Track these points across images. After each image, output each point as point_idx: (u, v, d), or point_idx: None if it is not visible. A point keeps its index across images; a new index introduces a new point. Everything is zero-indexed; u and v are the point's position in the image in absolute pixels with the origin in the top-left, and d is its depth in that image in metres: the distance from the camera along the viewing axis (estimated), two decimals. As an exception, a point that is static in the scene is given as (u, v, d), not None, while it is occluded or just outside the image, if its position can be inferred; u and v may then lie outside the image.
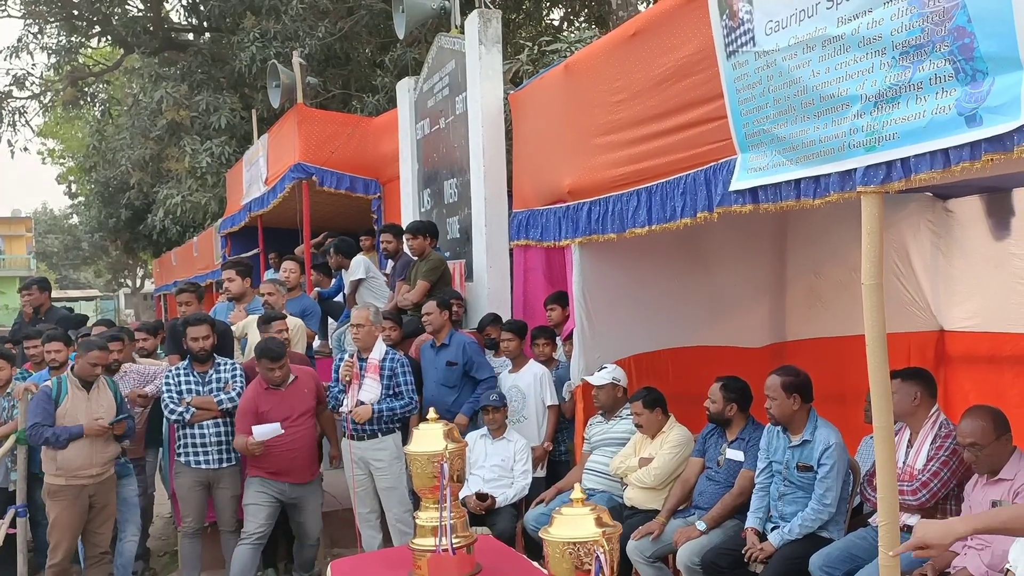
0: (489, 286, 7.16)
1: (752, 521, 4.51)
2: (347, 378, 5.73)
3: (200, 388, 5.80)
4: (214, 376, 5.85)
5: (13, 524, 5.99)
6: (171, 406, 5.72)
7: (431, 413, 3.73)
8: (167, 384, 5.81)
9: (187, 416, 5.71)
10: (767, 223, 5.90)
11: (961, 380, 5.76)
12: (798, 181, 3.42)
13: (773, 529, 4.39)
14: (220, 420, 5.78)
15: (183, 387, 5.78)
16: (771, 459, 4.55)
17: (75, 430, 5.41)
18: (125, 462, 5.99)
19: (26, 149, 58.40)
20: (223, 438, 5.78)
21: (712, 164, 3.95)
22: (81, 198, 29.74)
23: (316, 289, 9.04)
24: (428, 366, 6.19)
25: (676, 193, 4.19)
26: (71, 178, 30.75)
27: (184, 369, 5.84)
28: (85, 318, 8.86)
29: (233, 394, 5.78)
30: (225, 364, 5.93)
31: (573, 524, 2.52)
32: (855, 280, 3.09)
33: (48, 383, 5.57)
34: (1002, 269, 5.30)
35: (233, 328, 6.60)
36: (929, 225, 5.77)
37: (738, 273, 6.06)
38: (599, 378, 5.30)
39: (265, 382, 5.61)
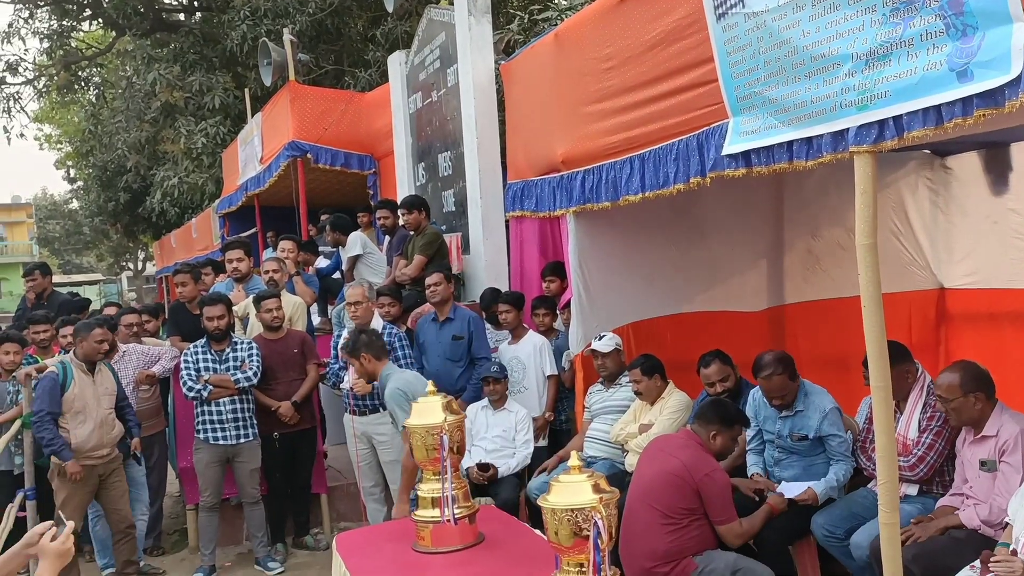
0: (486, 258, 7.16)
1: (755, 468, 4.57)
2: (346, 354, 5.75)
3: (217, 366, 5.90)
4: (231, 355, 5.95)
5: (23, 507, 6.03)
6: (189, 383, 5.83)
7: (429, 386, 3.75)
8: (185, 362, 5.94)
9: (205, 393, 5.83)
10: (763, 187, 5.88)
11: (961, 337, 5.76)
12: (790, 143, 3.39)
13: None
14: (237, 397, 5.89)
15: (200, 365, 5.91)
16: (761, 427, 4.57)
17: (65, 455, 5.45)
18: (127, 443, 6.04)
19: (22, 135, 58.21)
20: (239, 415, 5.90)
21: (704, 129, 3.92)
22: (80, 183, 29.69)
23: (315, 266, 9.05)
24: (431, 340, 6.18)
25: (669, 159, 4.16)
26: (69, 163, 30.66)
27: (202, 347, 5.95)
28: (88, 302, 8.89)
29: (250, 373, 5.88)
30: (242, 343, 6.02)
31: (571, 491, 2.53)
32: (853, 241, 3.08)
33: (53, 368, 5.59)
34: (1001, 225, 5.29)
35: (235, 308, 6.62)
36: (927, 183, 5.75)
37: (735, 238, 6.05)
38: (605, 344, 5.30)
39: None
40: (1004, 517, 3.51)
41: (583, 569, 2.48)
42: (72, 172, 30.54)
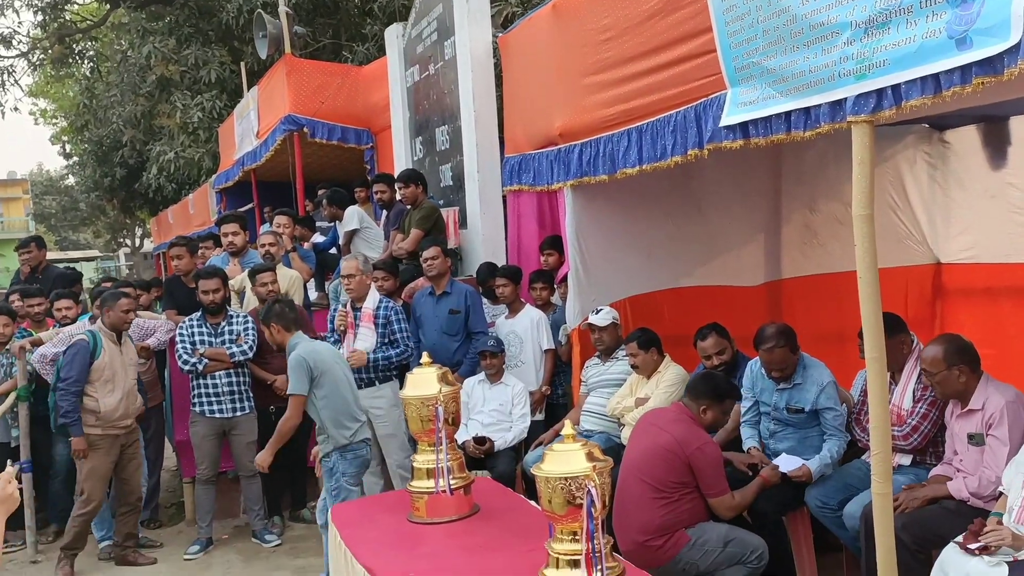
0: (483, 232, 7.14)
1: (751, 442, 4.58)
2: (342, 328, 5.75)
3: (213, 340, 5.91)
4: (226, 328, 5.96)
5: (19, 479, 6.05)
6: (184, 356, 5.83)
7: (424, 358, 3.74)
8: (181, 335, 5.95)
9: (200, 367, 5.83)
10: (761, 160, 5.85)
11: (958, 312, 5.76)
12: (788, 114, 3.37)
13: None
14: (233, 371, 5.90)
15: (196, 338, 5.91)
16: (757, 399, 4.58)
17: (76, 430, 5.49)
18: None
19: (16, 109, 57.37)
20: (235, 388, 5.93)
21: (702, 100, 3.89)
22: (75, 158, 29.49)
23: (312, 240, 9.02)
24: (427, 314, 6.16)
25: (666, 131, 4.13)
26: (64, 138, 30.47)
27: (197, 321, 5.95)
28: (80, 275, 8.90)
29: (245, 347, 5.88)
30: (237, 317, 6.02)
31: (565, 460, 2.54)
32: (850, 215, 3.07)
33: (84, 337, 5.60)
34: (999, 200, 5.27)
35: (231, 283, 6.60)
36: (925, 157, 5.72)
37: (732, 212, 6.03)
38: (602, 318, 5.30)
39: None
40: (992, 489, 3.53)
41: (576, 537, 2.49)
42: (67, 147, 30.36)
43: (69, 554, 5.65)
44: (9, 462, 2.98)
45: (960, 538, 3.26)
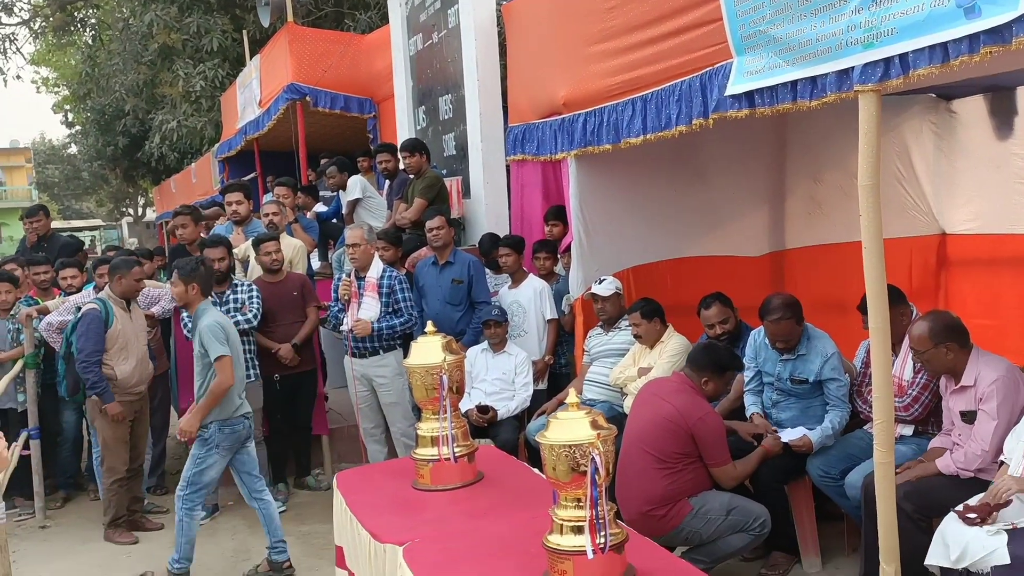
0: (486, 202, 7.13)
1: (754, 409, 4.61)
2: (346, 297, 5.76)
3: (218, 308, 5.87)
4: (231, 296, 5.96)
5: (26, 446, 6.11)
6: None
7: (429, 326, 3.76)
8: None
9: None
10: (766, 130, 5.83)
11: (960, 283, 5.77)
12: (795, 83, 3.36)
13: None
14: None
15: None
16: (760, 368, 4.59)
17: (108, 397, 5.52)
18: None
19: (19, 77, 57.51)
20: (242, 356, 5.87)
21: (707, 69, 3.87)
22: (78, 127, 29.41)
23: (314, 210, 9.02)
24: (430, 284, 6.17)
25: (671, 100, 4.12)
26: (67, 107, 30.35)
27: None
28: (82, 243, 8.95)
29: (250, 315, 5.88)
30: (242, 285, 6.02)
31: (569, 428, 2.55)
32: (855, 186, 3.06)
33: (95, 306, 5.63)
34: (1004, 170, 5.26)
35: (235, 251, 6.61)
36: (932, 127, 5.70)
37: (736, 182, 6.01)
38: (605, 288, 5.30)
39: None
40: (978, 462, 3.56)
41: (580, 504, 2.51)
42: (70, 116, 30.25)
43: (118, 522, 5.73)
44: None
45: (960, 507, 3.29)
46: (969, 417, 3.69)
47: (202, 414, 4.72)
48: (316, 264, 8.12)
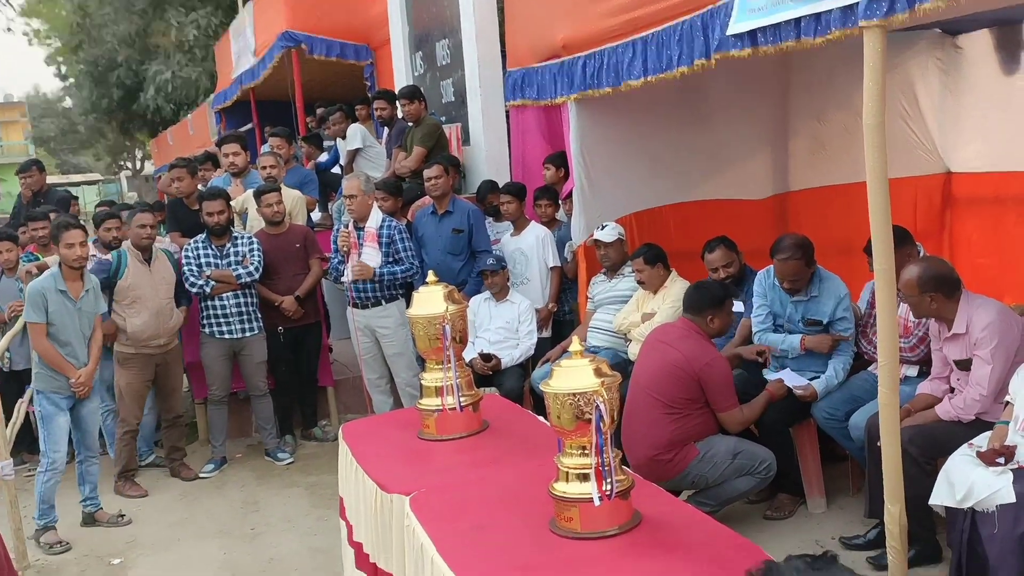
0: (486, 149, 7.06)
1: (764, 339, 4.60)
2: (345, 248, 5.73)
3: (219, 261, 5.90)
4: (232, 250, 5.94)
5: (32, 402, 6.13)
6: (191, 279, 5.83)
7: (431, 276, 3.72)
8: (187, 258, 5.93)
9: (207, 289, 5.84)
10: (768, 69, 5.73)
11: (965, 222, 5.72)
12: (798, 20, 3.27)
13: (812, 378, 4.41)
14: (240, 292, 5.91)
15: (202, 260, 5.90)
16: (771, 310, 4.56)
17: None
18: None
19: (10, 29, 56.45)
20: (243, 308, 5.94)
21: (709, 7, 3.77)
22: (72, 79, 29.10)
23: (314, 160, 8.93)
24: (430, 234, 6.13)
25: (672, 41, 4.03)
26: (60, 59, 29.99)
27: (202, 243, 5.93)
28: (72, 196, 8.89)
29: (251, 268, 5.86)
30: (242, 238, 6.00)
31: (573, 376, 2.53)
32: (859, 125, 3.00)
33: (108, 256, 5.63)
34: (1010, 105, 5.18)
35: (233, 203, 6.56)
36: (938, 63, 5.59)
37: (739, 124, 5.93)
38: (607, 234, 5.26)
39: None
40: (977, 408, 3.56)
41: (586, 451, 2.50)
42: (63, 68, 29.92)
43: (128, 475, 5.78)
44: None
45: (975, 444, 3.29)
46: (964, 365, 3.67)
47: (96, 360, 5.04)
48: (316, 215, 8.07)
